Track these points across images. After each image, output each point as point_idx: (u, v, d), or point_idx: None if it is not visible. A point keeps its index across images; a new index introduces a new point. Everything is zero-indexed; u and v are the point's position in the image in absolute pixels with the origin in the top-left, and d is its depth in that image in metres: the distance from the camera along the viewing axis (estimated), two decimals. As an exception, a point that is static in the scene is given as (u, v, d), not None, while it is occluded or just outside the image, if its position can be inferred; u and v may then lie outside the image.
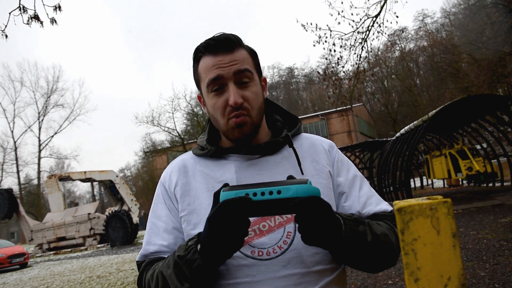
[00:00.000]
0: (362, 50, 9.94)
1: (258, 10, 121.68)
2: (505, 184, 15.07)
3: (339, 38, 9.76)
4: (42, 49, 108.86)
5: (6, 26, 4.85)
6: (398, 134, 15.36)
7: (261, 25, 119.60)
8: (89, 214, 21.38)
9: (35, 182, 44.41)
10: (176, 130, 31.72)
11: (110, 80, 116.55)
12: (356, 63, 10.13)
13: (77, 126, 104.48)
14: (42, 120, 44.17)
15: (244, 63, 0.92)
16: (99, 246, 20.85)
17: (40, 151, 43.55)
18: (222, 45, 0.91)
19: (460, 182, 19.41)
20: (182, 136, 32.41)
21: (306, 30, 9.63)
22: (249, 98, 0.91)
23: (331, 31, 9.58)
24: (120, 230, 19.48)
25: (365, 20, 9.52)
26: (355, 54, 9.97)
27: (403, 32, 42.49)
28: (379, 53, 40.04)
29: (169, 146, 34.77)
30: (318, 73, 13.22)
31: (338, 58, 10.13)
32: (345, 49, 9.94)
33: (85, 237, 21.46)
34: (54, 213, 22.64)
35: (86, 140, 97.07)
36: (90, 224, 21.15)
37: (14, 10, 4.76)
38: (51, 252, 21.76)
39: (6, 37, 4.95)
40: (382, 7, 9.34)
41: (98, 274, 9.97)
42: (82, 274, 10.43)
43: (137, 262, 0.99)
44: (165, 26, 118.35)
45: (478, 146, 16.43)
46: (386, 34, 10.16)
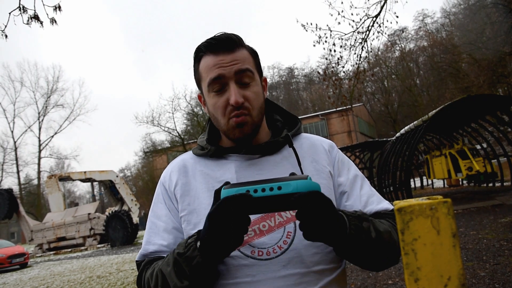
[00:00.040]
0: (362, 50, 9.94)
1: (258, 10, 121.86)
2: (505, 184, 15.07)
3: (339, 38, 9.78)
4: (42, 49, 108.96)
5: (6, 26, 4.86)
6: (398, 134, 15.36)
7: (261, 25, 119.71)
8: (89, 214, 21.39)
9: (35, 182, 44.48)
10: (176, 130, 31.75)
11: (110, 80, 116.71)
12: (356, 63, 10.14)
13: (77, 126, 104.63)
14: (42, 120, 44.26)
15: (245, 63, 0.92)
16: (99, 246, 20.85)
17: (40, 151, 43.61)
18: (223, 44, 0.91)
19: (460, 182, 19.41)
20: (182, 136, 32.41)
21: (306, 30, 9.65)
22: (250, 98, 0.91)
23: (331, 31, 9.59)
24: (120, 230, 19.48)
25: (365, 20, 9.53)
26: (355, 54, 9.98)
27: (403, 32, 42.53)
28: (379, 53, 40.09)
29: (169, 146, 34.79)
30: (318, 73, 13.23)
31: (338, 58, 10.14)
32: (345, 49, 9.95)
33: (85, 237, 21.47)
34: (54, 213, 22.65)
35: (86, 140, 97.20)
36: (90, 224, 21.16)
37: (14, 10, 4.76)
38: (51, 252, 21.76)
39: (6, 37, 4.95)
40: (382, 7, 9.35)
41: (98, 274, 9.97)
42: (82, 274, 10.43)
43: (136, 261, 0.99)
44: (165, 26, 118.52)
45: (478, 146, 16.44)
46: (386, 34, 10.18)
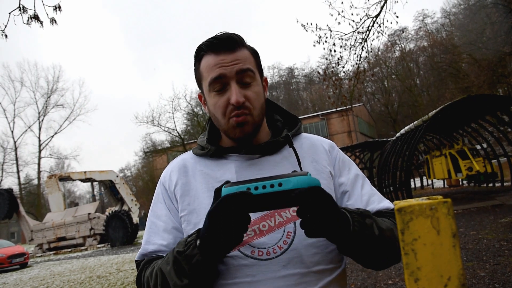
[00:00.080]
0: (362, 50, 9.94)
1: (258, 10, 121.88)
2: (505, 184, 15.07)
3: (339, 38, 9.78)
4: (42, 49, 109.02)
5: (6, 26, 4.86)
6: (398, 134, 15.36)
7: (261, 25, 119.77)
8: (89, 214, 21.38)
9: (35, 182, 44.49)
10: (176, 130, 31.77)
11: (110, 80, 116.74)
12: (356, 63, 10.14)
13: (77, 126, 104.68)
14: (42, 120, 44.27)
15: (246, 63, 0.92)
16: (99, 246, 20.85)
17: (40, 151, 43.62)
18: (224, 44, 0.91)
19: (460, 182, 19.41)
20: (182, 136, 32.43)
21: (306, 30, 9.64)
22: (250, 97, 0.91)
23: (331, 31, 9.59)
24: (120, 230, 19.48)
25: (365, 20, 9.53)
26: (355, 54, 9.98)
27: (403, 32, 42.53)
28: (379, 53, 40.10)
29: (169, 146, 34.82)
30: (318, 73, 13.22)
31: (338, 58, 10.13)
32: (345, 49, 9.95)
33: (85, 237, 21.47)
34: (54, 213, 22.65)
35: (86, 140, 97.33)
36: (90, 224, 21.16)
37: (14, 10, 4.76)
38: (51, 252, 21.76)
39: (6, 37, 4.95)
40: (382, 7, 9.35)
41: (98, 274, 9.97)
42: (82, 274, 10.43)
43: (136, 261, 0.99)
44: (165, 26, 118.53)
45: (478, 146, 16.43)
46: (386, 34, 10.17)
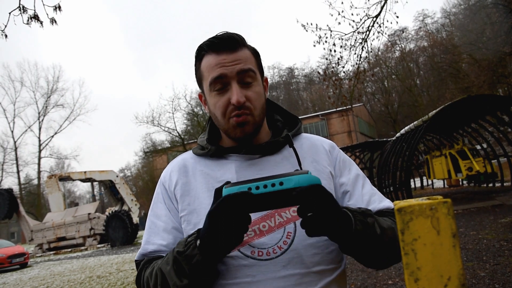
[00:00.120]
0: (362, 50, 9.93)
1: (258, 10, 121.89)
2: (505, 184, 15.07)
3: (339, 38, 9.77)
4: (42, 49, 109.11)
5: (6, 26, 4.86)
6: (398, 134, 15.36)
7: (261, 25, 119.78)
8: (89, 214, 21.38)
9: (35, 182, 44.49)
10: (176, 130, 31.78)
11: (110, 80, 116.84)
12: (356, 63, 10.13)
13: (77, 126, 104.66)
14: (42, 120, 44.28)
15: (247, 63, 0.92)
16: (99, 246, 20.85)
17: (40, 151, 43.62)
18: (225, 44, 0.91)
19: (460, 182, 19.41)
20: (182, 136, 32.44)
21: (306, 30, 9.63)
22: (251, 97, 0.91)
23: (331, 31, 9.58)
24: (120, 230, 19.48)
25: (365, 20, 9.52)
26: (355, 54, 9.97)
27: (403, 32, 42.51)
28: (379, 53, 40.11)
29: (169, 146, 34.83)
30: (318, 73, 13.22)
31: (338, 58, 10.12)
32: (345, 49, 9.94)
33: (85, 237, 21.46)
34: (54, 213, 22.65)
35: (86, 140, 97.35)
36: (90, 224, 21.16)
37: (14, 10, 4.76)
38: (51, 252, 21.76)
39: (6, 37, 4.95)
40: (382, 7, 9.34)
41: (98, 274, 9.97)
42: (82, 274, 10.43)
43: (135, 261, 0.99)
44: (165, 26, 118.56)
45: (478, 147, 16.44)
46: (386, 34, 10.16)
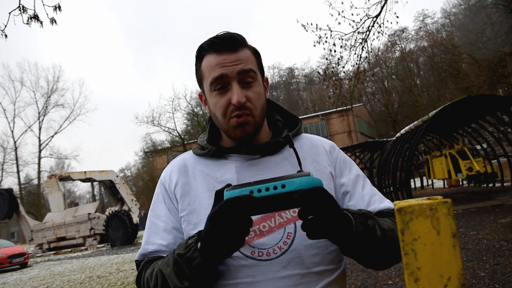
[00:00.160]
0: (363, 50, 9.94)
1: (258, 10, 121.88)
2: (505, 184, 15.06)
3: (340, 38, 9.77)
4: (42, 49, 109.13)
5: (6, 26, 4.86)
6: (398, 135, 15.36)
7: (261, 25, 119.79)
8: (89, 214, 21.38)
9: (35, 182, 44.49)
10: (176, 130, 31.79)
11: (110, 80, 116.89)
12: (356, 63, 10.13)
13: (77, 126, 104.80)
14: (42, 120, 44.29)
15: (248, 63, 0.91)
16: (99, 246, 20.85)
17: (40, 151, 43.61)
18: (226, 43, 0.90)
19: (460, 183, 19.40)
20: (182, 136, 32.45)
21: (307, 30, 9.64)
22: (252, 98, 0.91)
23: (332, 31, 9.59)
24: (120, 230, 19.48)
25: (365, 20, 9.52)
26: (356, 54, 9.98)
27: (404, 32, 42.50)
28: (380, 53, 40.13)
29: (169, 146, 34.83)
30: (319, 73, 13.22)
31: (339, 58, 10.13)
32: (345, 49, 9.94)
33: (85, 237, 21.46)
34: (54, 213, 22.64)
35: (86, 140, 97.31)
36: (90, 224, 21.15)
37: (14, 10, 4.76)
38: (51, 252, 21.75)
39: (6, 37, 4.95)
40: (382, 8, 9.34)
41: (98, 274, 9.97)
42: (82, 274, 10.43)
43: (136, 261, 0.99)
44: (165, 25, 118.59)
45: (478, 147, 16.43)
46: (386, 34, 10.17)
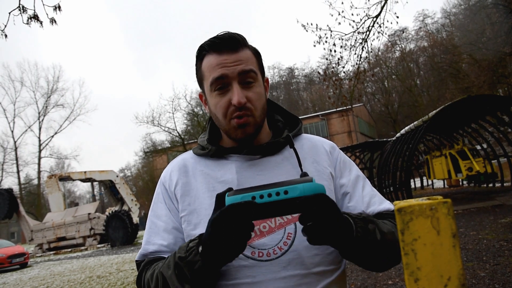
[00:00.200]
0: (363, 50, 9.94)
1: (258, 10, 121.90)
2: (505, 184, 15.06)
3: (340, 39, 9.77)
4: (42, 49, 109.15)
5: (6, 26, 4.86)
6: (398, 135, 15.36)
7: (261, 25, 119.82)
8: (89, 214, 21.38)
9: (35, 182, 44.48)
10: (176, 130, 31.79)
11: (110, 80, 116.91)
12: (356, 63, 10.13)
13: (77, 126, 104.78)
14: (42, 120, 44.28)
15: (248, 63, 0.91)
16: (99, 246, 20.85)
17: (40, 151, 43.60)
18: (227, 44, 0.90)
19: (460, 183, 19.40)
20: (183, 136, 32.45)
21: (307, 31, 9.63)
22: (252, 98, 0.91)
23: (332, 32, 9.58)
24: (120, 230, 19.48)
25: (365, 20, 9.52)
26: (356, 54, 9.98)
27: (404, 32, 42.50)
28: (380, 53, 40.13)
29: (169, 146, 34.82)
30: (319, 73, 13.22)
31: (339, 59, 10.13)
32: (345, 49, 9.94)
33: (85, 237, 21.46)
34: (54, 213, 22.64)
35: (86, 140, 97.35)
36: (90, 224, 21.15)
37: (14, 10, 4.76)
38: (51, 252, 21.75)
39: (6, 37, 4.95)
40: (382, 8, 9.34)
41: (98, 274, 9.97)
42: (82, 274, 10.43)
43: (136, 261, 0.99)
44: (165, 25, 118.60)
45: (478, 147, 16.43)
46: (386, 34, 10.17)
